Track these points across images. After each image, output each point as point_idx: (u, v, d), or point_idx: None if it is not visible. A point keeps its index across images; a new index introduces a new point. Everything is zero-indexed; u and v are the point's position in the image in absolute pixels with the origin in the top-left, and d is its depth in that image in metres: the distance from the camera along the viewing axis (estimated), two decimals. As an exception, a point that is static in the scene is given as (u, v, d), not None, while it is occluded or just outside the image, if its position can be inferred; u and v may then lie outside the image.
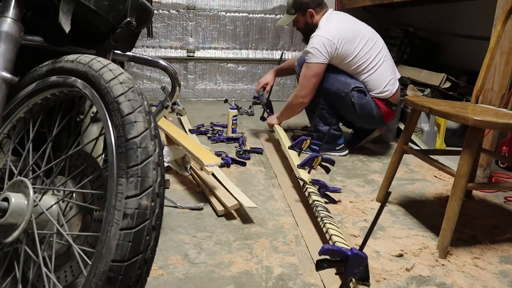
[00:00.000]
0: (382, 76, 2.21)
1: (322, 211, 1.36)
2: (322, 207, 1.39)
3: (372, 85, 2.21)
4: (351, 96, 2.20)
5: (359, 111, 2.22)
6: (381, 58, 2.22)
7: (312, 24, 2.31)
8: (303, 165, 1.72)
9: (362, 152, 2.42)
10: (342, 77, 2.23)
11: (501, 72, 1.75)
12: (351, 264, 0.91)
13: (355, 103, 2.20)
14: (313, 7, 2.29)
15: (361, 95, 2.20)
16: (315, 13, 2.30)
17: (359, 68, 2.20)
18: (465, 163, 1.26)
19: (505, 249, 1.38)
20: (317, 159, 1.70)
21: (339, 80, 2.22)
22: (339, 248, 0.92)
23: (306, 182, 1.59)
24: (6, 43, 0.93)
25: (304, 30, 2.38)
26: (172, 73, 1.42)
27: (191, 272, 1.17)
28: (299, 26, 2.39)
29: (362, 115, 2.24)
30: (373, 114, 2.22)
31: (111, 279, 0.67)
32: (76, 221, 0.91)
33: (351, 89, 2.19)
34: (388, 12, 3.92)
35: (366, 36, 2.22)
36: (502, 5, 1.77)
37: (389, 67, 2.25)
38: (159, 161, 0.75)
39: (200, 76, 3.92)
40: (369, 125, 2.37)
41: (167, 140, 2.23)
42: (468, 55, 2.95)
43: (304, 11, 2.31)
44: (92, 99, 0.83)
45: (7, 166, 0.97)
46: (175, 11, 3.73)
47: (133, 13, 1.08)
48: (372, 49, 2.21)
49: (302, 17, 2.33)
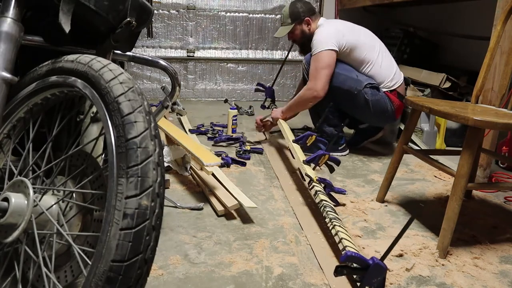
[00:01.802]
0: (388, 65, 2.21)
1: (331, 212, 1.32)
2: (330, 208, 1.35)
3: (381, 77, 2.19)
4: (364, 94, 2.14)
5: (373, 109, 2.17)
6: (383, 47, 2.27)
7: (309, 33, 2.32)
8: (309, 162, 1.70)
9: (362, 152, 2.42)
10: (354, 75, 2.17)
11: (501, 72, 1.75)
12: (370, 274, 0.91)
13: (368, 100, 2.15)
14: (309, 15, 2.33)
15: (374, 91, 2.16)
16: (311, 21, 2.32)
17: (366, 58, 2.18)
18: (465, 163, 1.26)
19: (505, 249, 1.38)
20: (324, 157, 1.68)
21: (351, 78, 2.16)
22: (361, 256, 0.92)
23: (313, 179, 1.56)
24: (6, 43, 0.93)
25: (301, 40, 2.38)
26: (172, 73, 1.42)
27: (191, 272, 1.17)
28: (296, 36, 2.39)
29: (375, 112, 2.20)
30: (387, 109, 2.19)
31: (111, 279, 0.67)
32: (76, 221, 0.91)
33: (364, 86, 2.14)
34: (388, 12, 3.92)
35: (363, 30, 2.29)
36: (502, 5, 1.77)
37: (392, 59, 2.28)
38: (159, 161, 0.75)
39: (200, 76, 3.92)
40: (381, 122, 2.35)
41: (167, 140, 2.23)
42: (468, 55, 2.95)
43: (301, 20, 2.32)
44: (92, 99, 0.83)
45: (7, 166, 0.97)
46: (175, 11, 3.73)
47: (133, 13, 1.08)
48: (372, 40, 2.24)
49: (299, 26, 2.34)
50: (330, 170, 1.73)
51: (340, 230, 1.20)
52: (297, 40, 2.41)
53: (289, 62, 4.00)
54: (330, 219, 1.28)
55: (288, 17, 2.35)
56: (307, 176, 1.61)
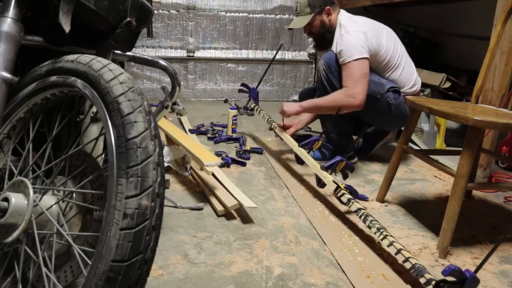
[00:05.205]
0: (410, 69, 2.12)
1: (375, 221, 1.26)
2: (372, 217, 1.30)
3: (403, 81, 2.09)
4: (387, 98, 2.01)
5: (394, 112, 2.04)
6: (405, 52, 2.14)
7: (329, 24, 2.11)
8: (327, 168, 1.64)
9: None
10: (376, 78, 2.03)
11: (501, 72, 1.75)
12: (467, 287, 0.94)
13: (391, 104, 2.02)
14: (330, 4, 2.10)
15: (396, 95, 2.05)
16: (332, 11, 2.10)
17: (390, 62, 2.05)
18: (465, 163, 1.26)
19: (505, 249, 1.38)
20: (341, 164, 1.64)
21: (373, 81, 2.00)
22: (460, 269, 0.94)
23: (340, 187, 1.51)
24: (6, 43, 0.93)
25: (320, 32, 2.14)
26: (172, 73, 1.42)
27: (191, 272, 1.17)
28: (314, 28, 2.14)
29: (396, 117, 2.07)
30: (406, 114, 2.06)
31: (111, 279, 0.67)
32: (76, 221, 0.91)
33: (387, 90, 2.01)
34: (388, 12, 3.92)
35: (385, 30, 2.12)
36: (502, 5, 1.77)
37: (411, 62, 2.17)
38: (159, 161, 0.75)
39: (200, 76, 3.92)
40: (398, 126, 2.24)
41: (167, 140, 2.23)
42: (468, 55, 2.95)
43: (321, 10, 2.09)
44: (92, 99, 0.83)
45: (7, 166, 0.97)
46: (175, 11, 3.73)
47: (133, 13, 1.08)
48: (395, 42, 2.11)
49: (319, 16, 2.10)
50: (344, 176, 1.70)
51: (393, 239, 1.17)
52: (315, 32, 2.15)
53: (289, 62, 4.01)
54: (377, 229, 1.23)
55: (307, 5, 2.09)
56: (334, 183, 1.54)
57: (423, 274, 1.03)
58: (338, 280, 1.17)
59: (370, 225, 1.28)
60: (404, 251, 1.13)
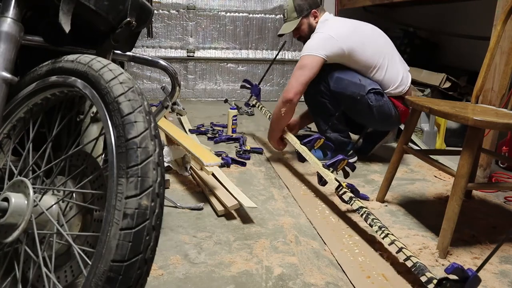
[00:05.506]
0: (395, 69, 2.09)
1: (376, 220, 1.26)
2: (374, 216, 1.29)
3: (387, 82, 2.07)
4: (367, 99, 2.03)
5: (377, 114, 2.06)
6: (391, 50, 2.13)
7: (316, 27, 2.16)
8: (328, 166, 1.65)
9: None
10: (356, 79, 2.05)
11: (501, 72, 1.75)
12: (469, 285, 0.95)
13: (372, 106, 2.03)
14: (315, 7, 2.18)
15: (378, 97, 2.05)
16: (318, 14, 2.17)
17: (370, 63, 2.05)
18: (465, 163, 1.26)
19: (505, 249, 1.38)
20: (343, 162, 1.64)
21: (353, 83, 2.04)
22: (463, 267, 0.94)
23: (342, 185, 1.51)
24: (6, 43, 0.93)
25: (308, 35, 2.17)
26: (172, 73, 1.42)
27: (191, 272, 1.17)
28: (302, 32, 2.20)
29: (379, 118, 2.08)
30: (391, 115, 2.08)
31: (111, 279, 0.67)
32: (76, 221, 0.91)
33: (367, 91, 2.02)
34: (388, 12, 3.92)
35: (368, 29, 2.14)
36: (502, 5, 1.77)
37: (400, 60, 2.16)
38: (159, 161, 0.75)
39: (200, 76, 3.92)
40: (386, 127, 2.24)
41: (167, 140, 2.23)
42: (468, 55, 2.95)
43: (308, 13, 2.16)
44: (92, 99, 0.83)
45: (7, 166, 0.97)
46: (175, 11, 3.73)
47: (133, 13, 1.08)
48: (380, 44, 2.11)
49: (306, 20, 2.17)
50: (345, 175, 1.70)
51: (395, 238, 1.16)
52: (304, 36, 2.21)
53: (289, 62, 4.01)
54: (379, 227, 1.23)
55: (293, 10, 2.16)
56: (336, 181, 1.55)
57: (424, 273, 1.03)
58: (338, 280, 1.17)
59: (371, 223, 1.28)
60: (405, 250, 1.13)
